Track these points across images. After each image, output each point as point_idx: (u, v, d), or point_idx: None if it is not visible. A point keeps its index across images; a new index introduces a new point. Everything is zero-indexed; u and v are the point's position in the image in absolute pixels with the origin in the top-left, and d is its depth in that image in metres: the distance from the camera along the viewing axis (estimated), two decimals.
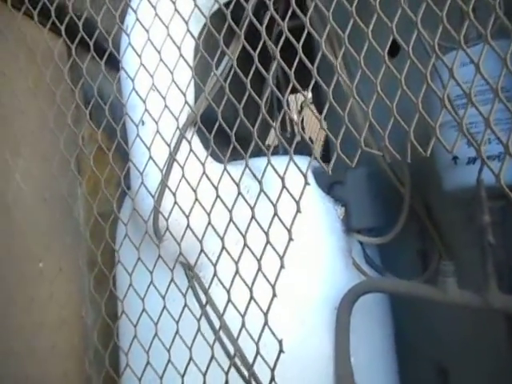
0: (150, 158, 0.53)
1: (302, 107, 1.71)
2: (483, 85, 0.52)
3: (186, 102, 0.52)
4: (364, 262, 0.75)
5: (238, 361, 0.55)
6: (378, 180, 0.75)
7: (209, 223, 0.49)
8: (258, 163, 0.55)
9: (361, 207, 0.71)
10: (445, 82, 0.43)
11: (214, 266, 0.47)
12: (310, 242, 0.68)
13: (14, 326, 0.70)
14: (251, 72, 0.48)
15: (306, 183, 0.45)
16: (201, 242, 0.49)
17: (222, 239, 0.47)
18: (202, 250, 0.48)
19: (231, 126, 0.50)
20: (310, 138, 1.09)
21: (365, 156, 0.74)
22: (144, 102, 0.55)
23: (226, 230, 0.47)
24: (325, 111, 0.45)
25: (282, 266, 0.44)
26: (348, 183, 0.71)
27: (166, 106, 0.51)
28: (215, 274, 0.47)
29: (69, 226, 0.77)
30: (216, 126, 0.48)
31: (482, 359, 0.71)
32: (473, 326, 0.72)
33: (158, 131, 0.51)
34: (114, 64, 0.70)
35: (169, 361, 0.49)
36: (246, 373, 0.54)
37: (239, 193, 0.47)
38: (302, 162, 0.50)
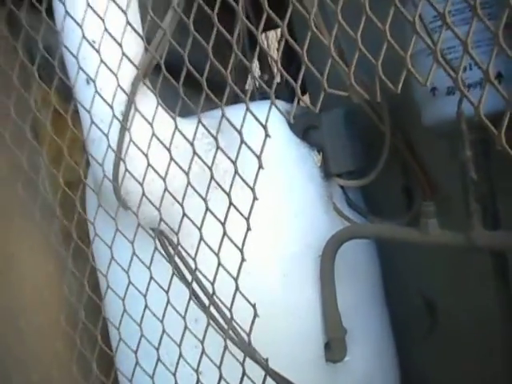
0: (92, 122, 0.48)
1: (279, 43, 1.61)
2: (460, 2, 0.46)
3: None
4: (347, 207, 0.72)
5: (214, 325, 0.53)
6: (356, 119, 0.70)
7: (165, 190, 0.45)
8: (229, 113, 0.50)
9: (339, 150, 0.67)
10: (416, 1, 0.37)
11: (176, 234, 0.44)
12: (287, 191, 0.65)
13: None
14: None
15: (267, 135, 0.40)
16: (158, 209, 0.46)
17: (181, 205, 0.44)
18: (160, 219, 0.45)
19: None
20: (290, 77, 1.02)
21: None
22: (76, 57, 0.48)
23: (184, 194, 0.43)
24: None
25: (248, 229, 0.41)
26: (323, 127, 0.66)
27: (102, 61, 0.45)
28: (178, 242, 0.44)
29: (35, 201, 0.73)
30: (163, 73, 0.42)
31: (470, 294, 0.71)
32: (460, 261, 0.71)
33: (96, 91, 0.46)
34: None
35: (141, 336, 0.47)
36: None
37: (194, 152, 0.43)
38: (264, 108, 0.45)
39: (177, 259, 0.55)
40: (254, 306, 0.42)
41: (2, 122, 0.69)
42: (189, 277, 0.55)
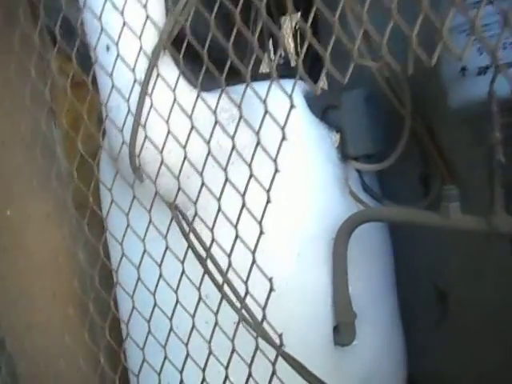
0: (113, 86, 0.47)
1: (295, 29, 1.59)
2: None
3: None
4: (362, 191, 0.71)
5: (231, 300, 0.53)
6: (376, 102, 0.68)
7: (184, 158, 0.44)
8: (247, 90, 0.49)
9: (358, 132, 0.66)
10: None
11: (194, 204, 0.43)
12: (304, 171, 0.64)
13: (8, 273, 0.68)
14: None
15: (292, 106, 0.39)
16: (177, 179, 0.45)
17: (201, 175, 0.43)
18: (179, 188, 0.44)
19: (210, 50, 0.43)
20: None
21: (361, 76, 0.67)
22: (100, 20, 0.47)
23: (204, 164, 0.43)
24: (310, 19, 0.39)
25: (268, 201, 0.40)
26: (343, 107, 0.65)
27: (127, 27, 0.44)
28: (196, 213, 0.44)
29: (51, 167, 0.72)
30: (184, 47, 0.42)
31: (484, 283, 0.70)
32: (475, 249, 0.69)
33: (118, 55, 0.45)
34: None
35: (155, 305, 0.47)
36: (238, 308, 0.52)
37: (216, 121, 0.42)
38: (291, 85, 0.44)
39: (191, 236, 0.54)
40: (270, 279, 0.41)
41: (21, 87, 0.68)
42: (203, 253, 0.54)
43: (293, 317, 0.63)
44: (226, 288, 0.52)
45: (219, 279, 0.54)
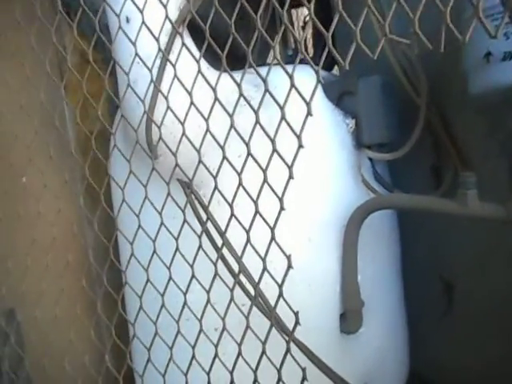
0: (137, 54, 0.46)
1: (305, 23, 1.58)
2: None
3: None
4: (373, 180, 0.71)
5: (243, 278, 0.52)
6: (392, 90, 0.68)
7: (207, 131, 0.43)
8: (262, 72, 0.49)
9: (373, 120, 0.65)
10: None
11: (215, 178, 0.43)
12: (319, 157, 0.64)
13: (6, 244, 0.67)
14: None
15: (319, 81, 0.39)
16: (199, 152, 0.44)
17: (222, 148, 0.42)
18: (200, 161, 0.44)
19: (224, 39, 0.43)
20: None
21: (377, 64, 0.66)
22: None
23: (226, 139, 0.42)
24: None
25: (290, 177, 0.39)
26: (360, 93, 0.64)
27: None
28: (216, 187, 0.43)
29: (55, 141, 0.71)
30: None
31: (490, 275, 0.70)
32: (482, 241, 0.69)
33: (143, 23, 0.44)
34: None
35: (170, 278, 0.46)
36: (251, 291, 0.52)
37: (241, 94, 0.41)
38: (308, 71, 0.44)
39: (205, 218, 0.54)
40: (288, 257, 0.41)
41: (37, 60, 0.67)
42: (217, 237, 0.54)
43: (301, 302, 0.63)
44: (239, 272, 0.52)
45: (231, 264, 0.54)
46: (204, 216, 0.54)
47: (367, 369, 0.70)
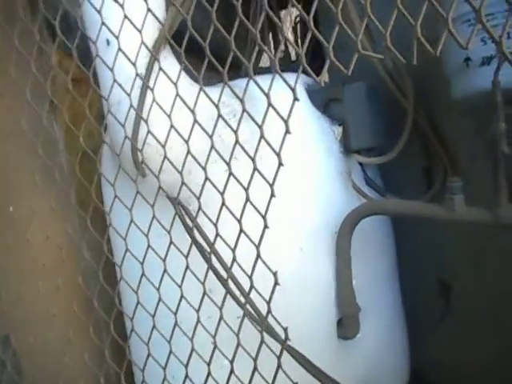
0: (115, 81, 0.46)
1: (296, 23, 1.57)
2: None
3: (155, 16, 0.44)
4: (364, 185, 0.71)
5: (234, 293, 0.52)
6: (378, 94, 0.68)
7: (188, 152, 0.44)
8: (244, 84, 0.49)
9: (360, 125, 0.65)
10: None
11: (198, 198, 0.43)
12: (306, 165, 0.64)
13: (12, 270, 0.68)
14: None
15: (295, 99, 0.39)
16: (181, 173, 0.45)
17: (204, 169, 0.42)
18: (182, 183, 0.44)
19: (210, 45, 0.43)
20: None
21: (362, 68, 0.66)
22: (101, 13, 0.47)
23: (207, 158, 0.42)
24: (313, 9, 0.38)
25: (272, 195, 0.39)
26: (345, 100, 0.64)
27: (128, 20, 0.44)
28: (200, 208, 0.43)
29: (53, 163, 0.72)
30: (186, 40, 0.41)
31: (488, 275, 0.70)
32: (478, 241, 0.69)
33: (120, 49, 0.44)
34: None
35: (159, 300, 0.47)
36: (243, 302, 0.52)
37: (219, 115, 0.41)
38: (292, 78, 0.44)
39: (195, 232, 0.54)
40: (275, 273, 0.41)
41: (22, 82, 0.68)
42: (206, 248, 0.54)
43: (296, 311, 0.63)
44: (229, 283, 0.52)
45: (222, 275, 0.54)
46: (194, 230, 0.54)
47: (366, 374, 0.70)
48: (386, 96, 0.69)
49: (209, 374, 0.45)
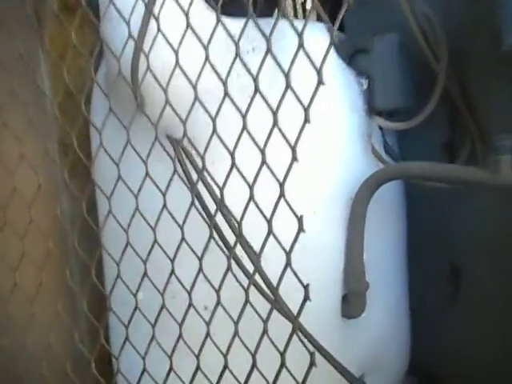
0: None
1: None
2: None
3: None
4: (383, 152, 0.65)
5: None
6: (409, 53, 0.62)
7: (194, 90, 0.36)
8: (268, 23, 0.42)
9: (388, 82, 0.59)
10: None
11: (201, 157, 0.36)
12: (328, 121, 0.57)
13: None
14: None
15: (331, 43, 0.32)
16: (186, 118, 0.37)
17: (212, 119, 0.35)
18: (184, 121, 0.36)
19: None
20: None
21: (393, 22, 0.59)
22: None
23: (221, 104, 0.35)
24: None
25: (294, 158, 0.33)
26: (375, 51, 0.58)
27: None
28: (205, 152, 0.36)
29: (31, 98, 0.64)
30: None
31: (500, 260, 0.65)
32: (494, 227, 0.64)
33: None
34: None
35: (155, 241, 0.39)
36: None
37: (237, 53, 0.34)
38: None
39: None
40: (300, 218, 0.34)
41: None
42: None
43: (302, 278, 0.57)
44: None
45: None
46: (195, 177, 0.47)
47: (366, 357, 0.64)
48: (415, 56, 0.63)
49: (206, 337, 0.38)
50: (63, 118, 0.64)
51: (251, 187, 0.36)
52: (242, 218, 0.40)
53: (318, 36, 0.56)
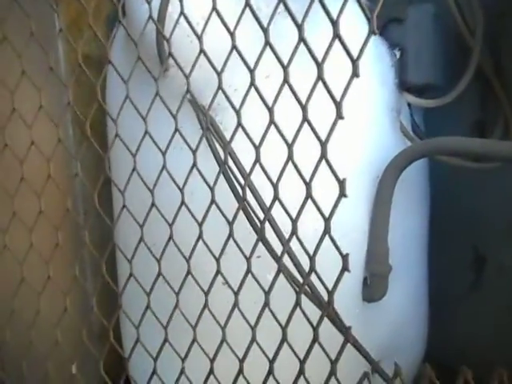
0: None
1: None
2: None
3: None
4: (410, 130, 0.62)
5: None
6: (444, 25, 0.58)
7: (233, 47, 0.33)
8: None
9: (421, 55, 0.56)
10: None
11: (237, 112, 0.33)
12: (355, 94, 0.54)
13: None
14: None
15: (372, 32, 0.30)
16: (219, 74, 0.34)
17: (251, 72, 0.32)
18: (219, 88, 0.34)
19: None
20: None
21: None
22: None
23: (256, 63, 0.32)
24: None
25: (322, 156, 0.30)
26: (409, 21, 0.54)
27: None
28: (240, 124, 0.33)
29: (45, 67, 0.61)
30: None
31: None
32: None
33: None
34: None
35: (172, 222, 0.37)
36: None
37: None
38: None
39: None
40: (342, 181, 0.31)
41: None
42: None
43: (321, 262, 0.54)
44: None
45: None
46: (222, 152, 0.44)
47: (384, 343, 0.62)
48: (449, 30, 0.59)
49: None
50: (78, 92, 0.61)
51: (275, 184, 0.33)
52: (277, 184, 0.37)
53: (354, 21, 0.53)
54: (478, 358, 0.68)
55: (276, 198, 0.36)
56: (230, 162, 0.45)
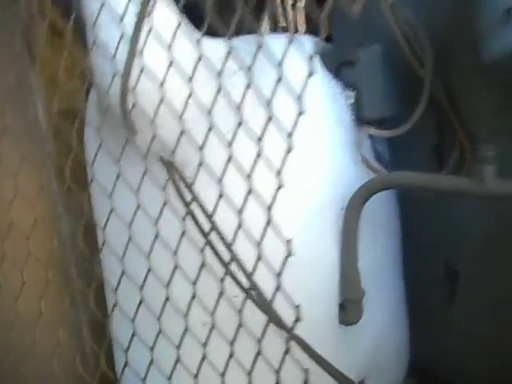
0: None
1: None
2: None
3: None
4: (373, 160, 0.66)
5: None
6: (393, 61, 0.62)
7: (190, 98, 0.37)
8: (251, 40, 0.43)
9: (374, 92, 0.60)
10: None
11: (191, 182, 0.37)
12: (314, 134, 0.58)
13: None
14: None
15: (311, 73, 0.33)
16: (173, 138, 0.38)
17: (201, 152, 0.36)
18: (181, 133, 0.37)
19: None
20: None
21: (377, 31, 0.59)
22: None
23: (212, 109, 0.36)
24: None
25: (279, 187, 0.33)
26: (360, 63, 0.58)
27: None
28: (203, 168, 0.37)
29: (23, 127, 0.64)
30: None
31: (498, 261, 0.65)
32: (491, 227, 0.65)
33: None
34: None
35: (148, 270, 0.40)
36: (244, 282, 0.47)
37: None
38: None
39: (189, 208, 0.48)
40: (289, 241, 0.35)
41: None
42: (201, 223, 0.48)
43: (297, 291, 0.58)
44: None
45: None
46: (189, 198, 0.48)
47: (366, 362, 0.65)
48: (401, 64, 0.63)
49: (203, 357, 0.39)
50: (57, 143, 0.64)
51: (239, 212, 0.37)
52: (234, 239, 0.41)
53: (301, 59, 0.56)
54: (459, 367, 0.71)
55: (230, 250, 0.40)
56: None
